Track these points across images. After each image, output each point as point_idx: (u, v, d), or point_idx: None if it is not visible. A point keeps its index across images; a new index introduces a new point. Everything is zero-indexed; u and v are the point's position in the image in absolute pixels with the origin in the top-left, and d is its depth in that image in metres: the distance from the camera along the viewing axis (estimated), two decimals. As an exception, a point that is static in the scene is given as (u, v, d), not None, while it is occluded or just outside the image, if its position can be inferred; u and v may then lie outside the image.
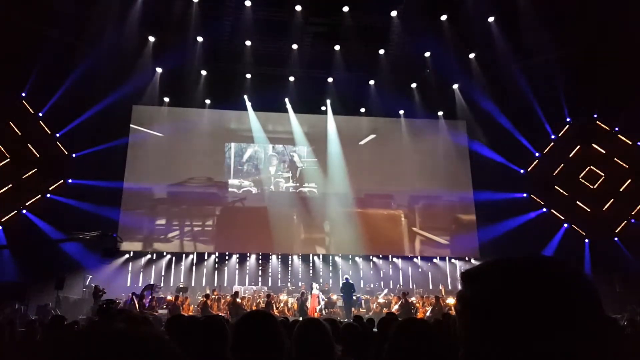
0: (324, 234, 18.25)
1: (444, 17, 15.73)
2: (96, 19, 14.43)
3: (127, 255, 16.87)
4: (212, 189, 18.14)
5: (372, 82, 18.26)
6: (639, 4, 13.54)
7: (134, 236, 17.16)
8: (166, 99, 17.93)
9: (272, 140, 18.78)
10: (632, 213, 17.15)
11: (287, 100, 18.44)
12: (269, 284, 17.38)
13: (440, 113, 19.21)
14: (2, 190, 15.38)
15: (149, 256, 17.31)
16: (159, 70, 17.09)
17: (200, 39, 16.18)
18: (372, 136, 19.00)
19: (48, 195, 16.18)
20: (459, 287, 0.85)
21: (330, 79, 18.02)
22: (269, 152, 18.78)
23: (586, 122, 18.12)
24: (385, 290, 17.13)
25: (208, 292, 15.46)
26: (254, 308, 13.89)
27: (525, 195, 18.40)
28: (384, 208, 18.78)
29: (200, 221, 17.84)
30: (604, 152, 17.95)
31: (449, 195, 18.90)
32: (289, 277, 17.98)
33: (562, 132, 18.66)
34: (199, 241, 17.62)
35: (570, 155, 18.36)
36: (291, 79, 17.86)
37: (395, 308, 14.27)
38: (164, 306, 14.32)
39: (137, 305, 13.01)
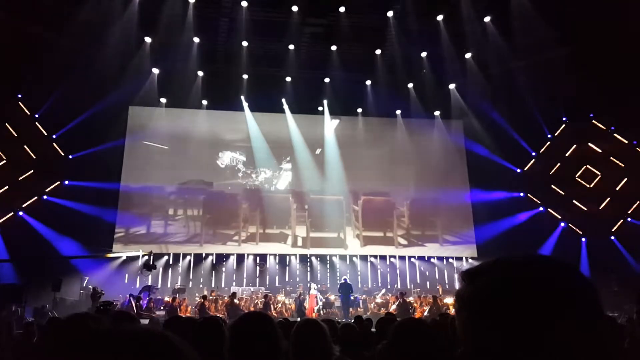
0: (322, 234, 18.23)
1: (440, 17, 15.76)
2: (93, 20, 14.39)
3: (123, 257, 16.81)
4: (209, 190, 18.12)
5: (368, 82, 18.26)
6: (636, 3, 13.59)
7: (131, 237, 17.12)
8: (163, 100, 17.90)
9: (269, 140, 18.76)
10: (629, 212, 17.22)
11: (284, 100, 18.42)
12: (267, 285, 17.37)
13: (436, 113, 19.24)
14: (-2, 192, 15.32)
15: (146, 257, 17.21)
16: (155, 71, 17.04)
17: (196, 39, 16.15)
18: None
19: (44, 196, 16.13)
20: (457, 286, 0.85)
21: (327, 80, 18.01)
22: (266, 152, 18.74)
23: (582, 121, 18.17)
24: (383, 290, 17.13)
25: (205, 293, 15.42)
26: (251, 309, 13.87)
27: (522, 194, 18.45)
28: (381, 208, 18.79)
29: (198, 222, 17.81)
30: (600, 151, 18.01)
31: (446, 195, 18.91)
32: (287, 277, 17.96)
33: (558, 131, 18.71)
34: (196, 242, 17.58)
35: (567, 155, 18.41)
36: (288, 79, 17.85)
37: (392, 308, 14.28)
38: (162, 307, 14.31)
39: (134, 307, 12.99)
